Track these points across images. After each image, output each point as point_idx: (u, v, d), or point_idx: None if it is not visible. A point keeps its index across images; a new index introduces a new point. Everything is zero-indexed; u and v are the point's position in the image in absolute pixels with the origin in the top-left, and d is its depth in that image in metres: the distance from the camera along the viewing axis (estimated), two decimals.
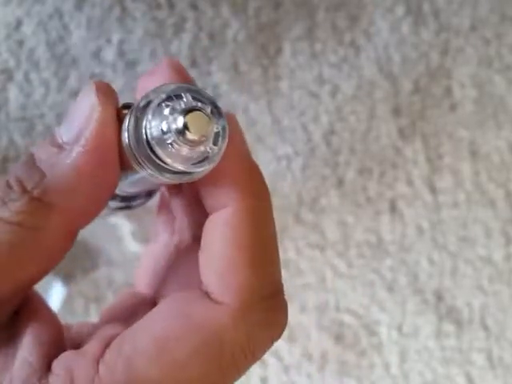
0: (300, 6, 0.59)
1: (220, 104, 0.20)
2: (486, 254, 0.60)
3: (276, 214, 0.23)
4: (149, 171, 0.19)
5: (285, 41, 0.59)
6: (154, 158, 0.18)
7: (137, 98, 0.20)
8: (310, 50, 0.59)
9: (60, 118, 0.57)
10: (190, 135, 0.17)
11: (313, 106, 0.59)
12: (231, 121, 0.21)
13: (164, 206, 0.27)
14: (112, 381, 0.19)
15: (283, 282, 0.23)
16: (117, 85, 0.56)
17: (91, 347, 0.20)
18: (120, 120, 0.20)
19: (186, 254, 0.25)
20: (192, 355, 0.19)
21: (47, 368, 0.20)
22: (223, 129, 0.19)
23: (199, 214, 0.23)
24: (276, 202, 0.58)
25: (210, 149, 0.19)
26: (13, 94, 0.57)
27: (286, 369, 0.58)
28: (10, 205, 0.19)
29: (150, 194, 0.25)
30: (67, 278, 0.57)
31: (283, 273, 0.23)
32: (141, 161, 0.19)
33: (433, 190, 0.59)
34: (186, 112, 0.18)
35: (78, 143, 0.20)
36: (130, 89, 0.57)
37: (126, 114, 0.19)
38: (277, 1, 0.59)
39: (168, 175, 0.19)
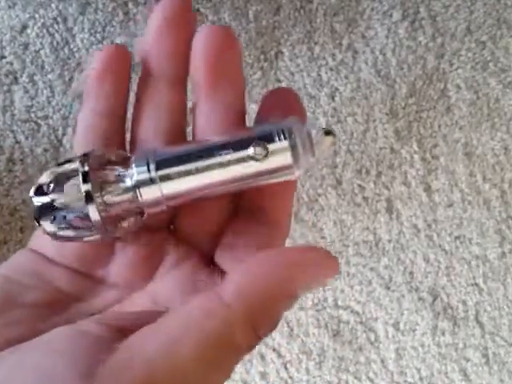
0: (299, 11, 0.59)
1: None
2: (480, 252, 0.60)
3: None
4: None
5: (284, 44, 0.59)
6: None
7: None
8: (308, 54, 0.59)
9: (65, 120, 0.57)
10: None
11: (311, 108, 0.59)
12: None
13: None
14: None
15: None
16: None
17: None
18: None
19: None
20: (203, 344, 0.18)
21: None
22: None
23: None
24: None
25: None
26: (18, 96, 0.57)
27: (285, 365, 0.58)
28: None
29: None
30: None
31: None
32: None
33: (428, 190, 0.60)
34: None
35: None
36: (133, 90, 0.57)
37: None
38: (277, 5, 0.59)
39: None
